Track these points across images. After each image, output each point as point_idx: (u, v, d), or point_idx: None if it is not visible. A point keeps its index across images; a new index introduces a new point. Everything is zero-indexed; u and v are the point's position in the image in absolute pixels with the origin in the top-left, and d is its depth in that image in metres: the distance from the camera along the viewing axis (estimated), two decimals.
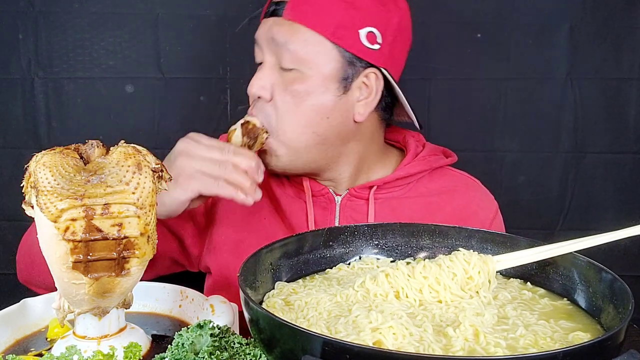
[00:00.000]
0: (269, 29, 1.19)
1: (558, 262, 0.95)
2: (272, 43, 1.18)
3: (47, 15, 1.56)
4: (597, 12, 1.62)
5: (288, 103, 1.18)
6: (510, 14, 1.63)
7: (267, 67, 1.20)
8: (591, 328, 0.83)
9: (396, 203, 1.28)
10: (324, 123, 1.19)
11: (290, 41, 1.16)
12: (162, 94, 1.62)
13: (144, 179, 0.78)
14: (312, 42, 1.16)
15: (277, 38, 1.17)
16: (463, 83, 1.65)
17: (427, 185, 1.31)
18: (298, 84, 1.17)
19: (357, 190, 1.27)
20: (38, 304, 0.98)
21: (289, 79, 1.18)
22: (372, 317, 0.78)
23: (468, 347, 0.75)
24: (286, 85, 1.18)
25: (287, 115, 1.18)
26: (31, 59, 1.57)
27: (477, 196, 1.34)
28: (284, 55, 1.17)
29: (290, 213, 1.28)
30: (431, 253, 1.03)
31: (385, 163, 1.33)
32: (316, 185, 1.28)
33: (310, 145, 1.20)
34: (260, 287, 0.92)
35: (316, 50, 1.17)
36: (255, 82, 1.19)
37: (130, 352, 0.82)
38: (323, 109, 1.19)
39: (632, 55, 1.64)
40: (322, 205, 1.28)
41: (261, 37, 1.21)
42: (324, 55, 1.17)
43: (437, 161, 1.32)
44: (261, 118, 1.19)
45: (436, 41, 1.62)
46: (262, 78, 1.19)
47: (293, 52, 1.16)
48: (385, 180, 1.27)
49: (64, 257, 0.74)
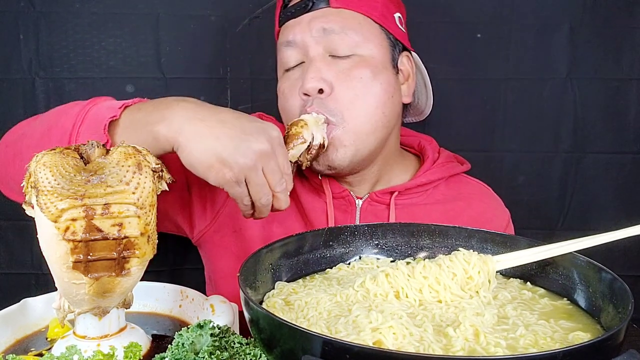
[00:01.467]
0: (316, 22, 1.19)
1: (558, 262, 0.95)
2: (322, 34, 1.19)
3: (47, 16, 1.56)
4: (597, 12, 1.62)
5: (356, 88, 1.18)
6: (510, 14, 1.62)
7: (318, 60, 1.19)
8: (591, 328, 0.83)
9: (416, 209, 1.29)
10: (389, 102, 1.22)
11: (346, 27, 1.19)
12: (162, 94, 1.61)
13: (144, 179, 0.78)
14: (365, 26, 1.21)
15: (330, 27, 1.18)
16: (463, 83, 1.65)
17: (444, 192, 1.32)
18: (362, 68, 1.19)
19: (379, 195, 1.28)
20: (38, 304, 0.98)
21: (349, 66, 1.19)
22: (372, 317, 0.78)
23: (468, 347, 0.75)
24: (347, 72, 1.18)
25: (358, 101, 1.18)
26: (32, 59, 1.57)
27: (492, 204, 1.36)
28: (340, 42, 1.18)
29: (310, 212, 1.28)
30: (431, 253, 1.03)
31: (403, 168, 1.35)
32: (336, 187, 1.28)
33: (379, 128, 1.21)
34: (260, 287, 0.92)
35: (370, 32, 1.21)
36: (313, 76, 1.16)
37: (130, 352, 0.82)
38: (389, 87, 1.22)
39: (632, 55, 1.64)
40: (343, 208, 1.28)
41: (302, 34, 1.20)
42: (376, 37, 1.22)
43: (454, 168, 1.34)
44: (325, 112, 1.16)
45: (436, 41, 1.62)
46: (320, 71, 1.17)
47: (350, 38, 1.19)
48: (406, 186, 1.28)
49: (64, 257, 0.74)
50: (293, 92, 1.21)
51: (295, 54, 1.22)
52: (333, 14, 1.20)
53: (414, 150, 1.41)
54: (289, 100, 1.22)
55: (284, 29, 1.24)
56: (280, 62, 1.26)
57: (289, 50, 1.22)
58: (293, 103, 1.21)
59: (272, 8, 1.60)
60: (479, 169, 1.51)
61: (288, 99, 1.22)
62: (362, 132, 1.19)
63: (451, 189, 1.33)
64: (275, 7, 1.32)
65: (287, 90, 1.23)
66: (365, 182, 1.29)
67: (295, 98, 1.21)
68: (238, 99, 1.64)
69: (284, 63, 1.24)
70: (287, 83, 1.23)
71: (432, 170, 1.31)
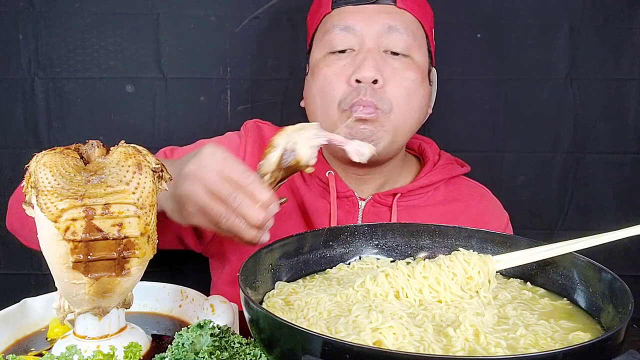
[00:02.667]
0: (382, 17, 1.21)
1: (558, 262, 0.95)
2: (385, 30, 1.20)
3: (47, 16, 1.56)
4: (597, 12, 1.62)
5: (407, 89, 1.21)
6: (510, 14, 1.63)
7: (375, 52, 1.20)
8: (591, 328, 0.83)
9: (417, 211, 1.30)
10: (424, 110, 1.27)
11: (407, 28, 1.22)
12: (162, 94, 1.62)
13: (144, 179, 0.78)
14: (419, 32, 1.25)
15: (395, 26, 1.21)
16: (463, 83, 1.65)
17: (444, 193, 1.34)
18: (411, 72, 1.22)
19: (382, 197, 1.28)
20: (38, 304, 0.98)
21: (403, 66, 1.21)
22: (372, 317, 0.78)
23: (468, 347, 0.75)
24: (402, 72, 1.21)
25: (406, 100, 1.21)
26: (31, 59, 1.57)
27: (490, 206, 1.38)
28: (399, 42, 1.21)
29: (313, 212, 1.28)
30: (431, 253, 1.03)
31: (406, 170, 1.36)
32: (342, 187, 1.28)
33: (411, 130, 1.26)
34: (260, 287, 0.92)
35: (422, 40, 1.26)
36: (372, 66, 1.17)
37: (130, 352, 0.82)
38: (426, 98, 1.27)
39: (632, 56, 1.64)
40: (346, 208, 1.28)
41: (365, 23, 1.21)
42: (424, 46, 1.27)
43: (454, 170, 1.35)
44: (377, 101, 1.17)
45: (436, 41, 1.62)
46: (377, 62, 1.19)
47: (409, 40, 1.22)
48: (408, 188, 1.29)
49: (64, 257, 0.74)
50: (340, 78, 1.21)
51: (349, 40, 1.22)
52: (398, 13, 1.22)
53: (414, 152, 1.42)
54: (334, 85, 1.21)
55: (340, 13, 1.24)
56: (329, 42, 1.24)
57: (343, 34, 1.22)
58: (338, 88, 1.20)
59: (272, 8, 1.60)
60: (479, 169, 1.51)
61: (332, 84, 1.21)
62: (401, 128, 1.22)
63: (451, 191, 1.34)
64: None
65: (331, 74, 1.22)
66: (373, 181, 1.30)
67: (341, 84, 1.20)
68: (238, 99, 1.64)
69: (333, 45, 1.23)
70: (333, 67, 1.22)
71: (433, 172, 1.32)
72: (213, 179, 0.93)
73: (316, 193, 1.29)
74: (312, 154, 0.97)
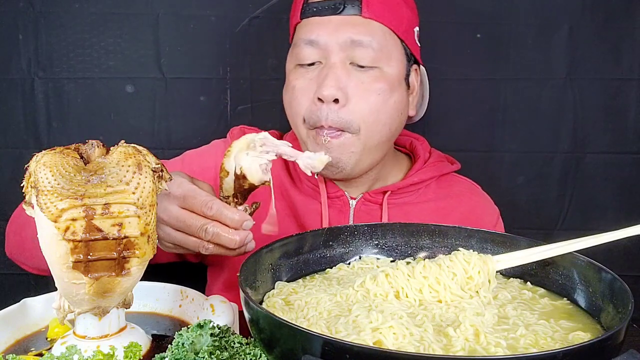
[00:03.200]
0: (345, 29, 1.17)
1: (558, 262, 0.95)
2: (348, 44, 1.16)
3: (47, 16, 1.56)
4: (596, 12, 1.62)
5: (372, 103, 1.17)
6: (510, 14, 1.62)
7: (339, 67, 1.17)
8: (591, 328, 0.83)
9: (408, 208, 1.30)
10: (398, 119, 1.23)
11: (373, 40, 1.17)
12: (162, 94, 1.62)
13: (144, 179, 0.78)
14: (390, 41, 1.20)
15: (359, 39, 1.16)
16: (463, 83, 1.65)
17: (435, 190, 1.33)
18: (381, 83, 1.18)
19: (372, 195, 1.28)
20: (38, 304, 0.98)
21: (370, 78, 1.17)
22: (372, 317, 0.78)
23: (468, 347, 0.75)
24: (367, 84, 1.17)
25: (372, 115, 1.17)
26: (31, 59, 1.57)
27: (481, 201, 1.38)
28: (365, 53, 1.17)
29: (304, 214, 1.28)
30: (431, 253, 1.03)
31: (397, 168, 1.36)
32: (332, 188, 1.28)
33: (383, 142, 1.22)
34: (260, 287, 0.92)
35: (394, 48, 1.21)
36: (333, 85, 1.15)
37: (130, 352, 0.82)
38: (400, 105, 1.23)
39: (632, 56, 1.64)
40: (337, 208, 1.29)
41: (328, 37, 1.17)
42: (398, 52, 1.22)
43: (444, 167, 1.35)
44: (341, 125, 1.15)
45: (436, 41, 1.62)
46: (340, 80, 1.16)
47: (376, 50, 1.17)
48: (398, 186, 1.29)
49: (64, 257, 0.74)
50: (305, 92, 1.19)
51: (315, 54, 1.19)
52: (363, 24, 1.18)
53: (405, 149, 1.42)
54: (299, 99, 1.20)
55: (307, 24, 1.21)
56: (296, 56, 1.22)
57: (308, 48, 1.20)
58: (303, 103, 1.20)
59: (272, 8, 1.60)
60: (479, 169, 1.51)
61: (298, 98, 1.20)
62: (371, 146, 1.20)
63: (442, 188, 1.34)
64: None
65: (298, 87, 1.21)
66: (362, 184, 1.30)
67: (306, 99, 1.19)
68: (238, 99, 1.64)
69: (300, 58, 1.21)
70: (301, 81, 1.21)
71: (424, 169, 1.32)
72: (177, 219, 0.94)
73: (306, 194, 1.30)
74: (262, 173, 0.94)
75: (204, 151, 1.36)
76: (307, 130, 1.21)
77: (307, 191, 1.30)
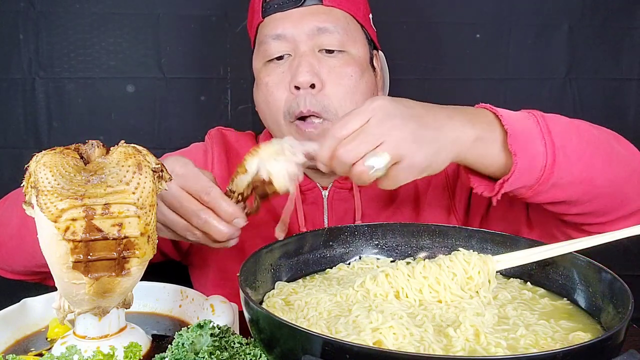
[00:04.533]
0: (309, 19, 1.20)
1: (558, 262, 0.95)
2: (314, 32, 1.19)
3: (47, 16, 1.56)
4: (596, 12, 1.62)
5: (347, 86, 1.20)
6: (510, 14, 1.63)
7: (309, 55, 1.19)
8: (591, 328, 0.83)
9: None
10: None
11: (338, 26, 1.21)
12: (162, 94, 1.62)
13: (144, 179, 0.78)
14: (352, 25, 1.24)
15: (324, 26, 1.20)
16: (463, 83, 1.65)
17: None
18: (351, 66, 1.21)
19: (341, 181, 1.30)
20: (38, 304, 0.98)
21: (340, 63, 1.20)
22: (372, 317, 0.78)
23: (469, 347, 0.75)
24: (339, 69, 1.20)
25: (347, 98, 1.19)
26: (32, 59, 1.57)
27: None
28: (332, 40, 1.20)
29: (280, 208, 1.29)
30: (431, 253, 1.03)
31: None
32: (304, 181, 1.29)
33: None
34: (260, 287, 0.92)
35: (356, 32, 1.25)
36: (308, 70, 1.17)
37: (130, 352, 0.82)
38: (372, 86, 1.26)
39: (631, 56, 1.64)
40: (311, 201, 1.30)
41: (294, 29, 1.20)
42: (360, 37, 1.26)
43: None
44: (318, 109, 1.17)
45: (435, 41, 1.62)
46: (313, 66, 1.18)
47: (341, 36, 1.20)
48: None
49: (64, 257, 0.74)
50: (280, 86, 1.21)
51: (283, 47, 1.21)
52: (325, 12, 1.21)
53: None
54: (275, 94, 1.21)
55: (270, 21, 1.23)
56: (264, 52, 1.24)
57: (275, 43, 1.21)
58: (279, 97, 1.21)
59: None
60: None
61: (274, 93, 1.22)
62: None
63: None
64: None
65: (272, 83, 1.22)
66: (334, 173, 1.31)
67: (282, 92, 1.20)
68: (238, 99, 1.64)
69: (269, 54, 1.23)
70: (273, 76, 1.22)
71: None
72: (174, 197, 0.94)
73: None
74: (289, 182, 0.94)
75: (183, 153, 1.36)
76: (288, 125, 1.21)
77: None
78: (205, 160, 1.33)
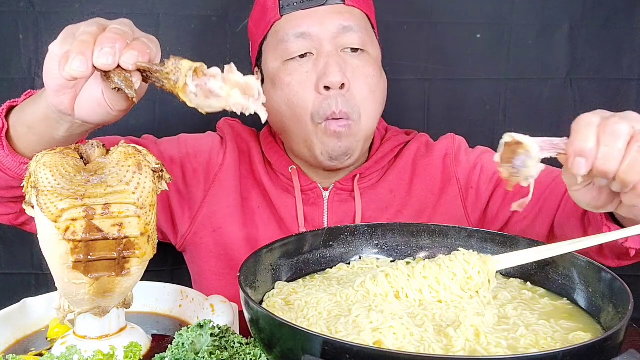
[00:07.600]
0: (334, 17, 1.20)
1: (558, 262, 0.95)
2: (340, 31, 1.20)
3: (47, 16, 1.56)
4: (597, 12, 1.62)
5: (370, 85, 1.21)
6: (510, 14, 1.62)
7: (335, 55, 1.19)
8: (591, 328, 0.83)
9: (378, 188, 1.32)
10: (384, 101, 1.27)
11: (359, 25, 1.22)
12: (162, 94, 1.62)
13: (144, 179, 0.78)
14: (368, 26, 1.26)
15: (349, 25, 1.20)
16: (463, 83, 1.65)
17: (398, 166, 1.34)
18: (372, 66, 1.22)
19: (343, 183, 1.30)
20: (38, 304, 0.98)
21: (362, 62, 1.21)
22: (372, 317, 0.78)
23: (469, 347, 0.75)
24: (361, 68, 1.21)
25: (370, 98, 1.21)
26: (32, 59, 1.57)
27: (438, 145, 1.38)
28: (355, 37, 1.21)
29: (280, 207, 1.30)
30: (431, 253, 1.03)
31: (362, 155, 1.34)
32: (305, 181, 1.30)
33: (376, 124, 1.27)
34: (260, 287, 0.92)
35: (372, 33, 1.26)
36: (337, 70, 1.16)
37: (130, 352, 0.82)
38: (385, 89, 1.27)
39: (632, 56, 1.64)
40: (311, 201, 1.30)
41: (319, 27, 1.19)
42: (375, 38, 1.27)
43: (402, 139, 1.37)
44: (347, 109, 1.18)
45: (436, 41, 1.62)
46: (341, 64, 1.18)
47: (364, 35, 1.22)
48: (366, 167, 1.30)
49: (64, 257, 0.74)
50: (305, 86, 1.19)
51: (306, 46, 1.20)
52: (347, 11, 1.22)
53: None
54: (301, 94, 1.19)
55: (292, 18, 1.21)
56: (285, 50, 1.21)
57: (299, 41, 1.20)
58: (307, 98, 1.19)
59: None
60: None
61: (299, 93, 1.20)
62: (370, 129, 1.25)
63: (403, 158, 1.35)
64: None
65: (295, 82, 1.20)
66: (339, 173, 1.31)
67: (308, 92, 1.19)
68: None
69: (291, 52, 1.20)
70: (296, 75, 1.20)
71: (384, 145, 1.34)
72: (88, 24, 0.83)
73: (281, 188, 1.32)
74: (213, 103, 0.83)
75: (200, 136, 1.39)
76: (315, 127, 1.20)
77: (282, 185, 1.32)
78: (220, 149, 1.35)
